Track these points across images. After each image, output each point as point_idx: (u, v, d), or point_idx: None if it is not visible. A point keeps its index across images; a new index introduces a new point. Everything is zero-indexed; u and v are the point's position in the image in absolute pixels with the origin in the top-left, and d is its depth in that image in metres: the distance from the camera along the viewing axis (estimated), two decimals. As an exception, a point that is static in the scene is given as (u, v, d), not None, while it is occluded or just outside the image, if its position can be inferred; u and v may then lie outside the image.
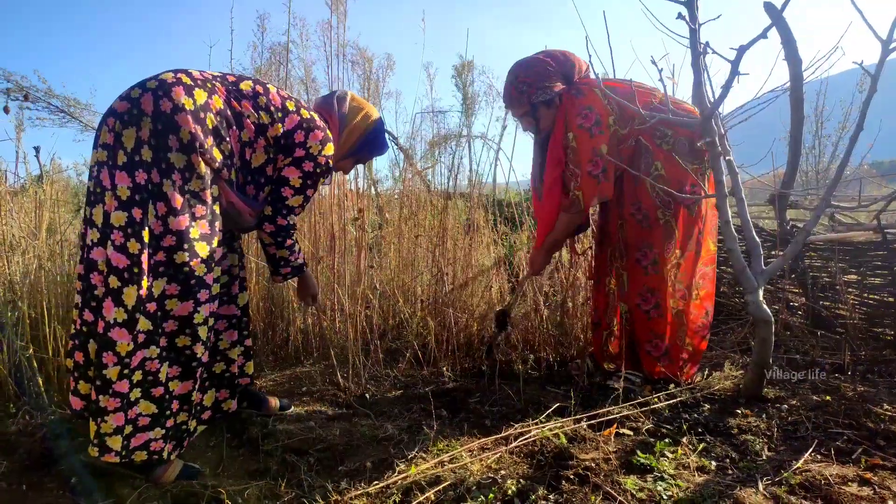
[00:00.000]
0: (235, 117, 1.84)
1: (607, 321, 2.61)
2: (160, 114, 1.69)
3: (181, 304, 1.75)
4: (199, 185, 1.75)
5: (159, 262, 1.70)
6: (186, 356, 1.80)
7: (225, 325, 2.11)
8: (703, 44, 2.03)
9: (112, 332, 1.64)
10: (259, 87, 1.94)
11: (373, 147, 2.27)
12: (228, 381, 2.14)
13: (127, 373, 1.66)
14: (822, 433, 2.00)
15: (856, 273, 3.14)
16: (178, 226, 1.70)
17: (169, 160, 1.69)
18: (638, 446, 1.91)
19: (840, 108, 6.17)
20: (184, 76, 1.77)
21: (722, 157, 2.13)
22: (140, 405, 1.71)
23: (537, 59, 2.41)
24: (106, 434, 1.66)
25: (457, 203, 3.54)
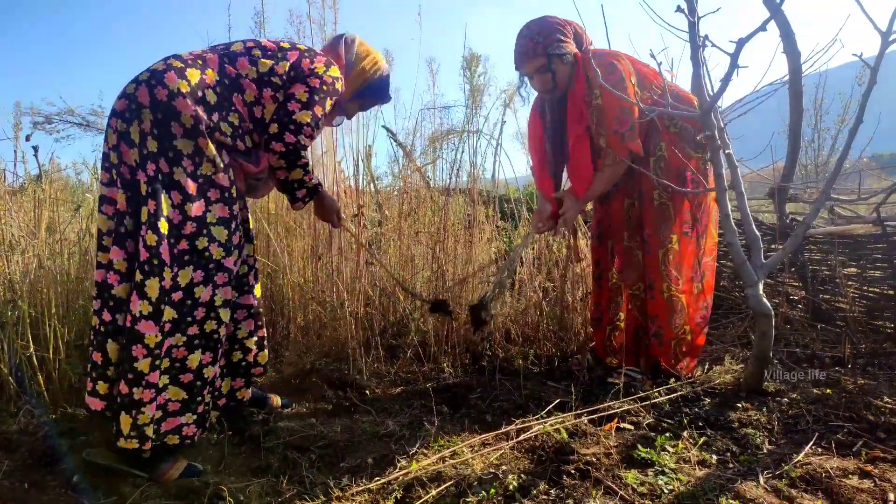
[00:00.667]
0: (233, 82, 1.84)
1: (610, 316, 2.61)
2: (157, 103, 1.70)
3: (205, 290, 1.78)
4: (210, 169, 1.76)
5: (183, 250, 1.73)
6: (213, 340, 1.84)
7: (244, 315, 2.12)
8: (703, 37, 2.03)
9: (139, 324, 1.67)
10: (250, 42, 1.96)
11: (377, 93, 2.28)
12: (245, 370, 2.15)
13: (158, 363, 1.71)
14: (822, 426, 2.00)
15: (856, 266, 3.14)
16: (195, 212, 1.73)
17: (175, 147, 1.71)
18: (639, 441, 1.91)
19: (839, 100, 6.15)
20: (174, 61, 1.78)
21: (721, 150, 2.12)
22: (169, 391, 1.76)
23: (550, 17, 2.39)
24: (144, 424, 1.70)
25: (457, 199, 3.54)
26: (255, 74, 1.87)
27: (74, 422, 2.18)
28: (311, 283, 2.99)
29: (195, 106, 1.72)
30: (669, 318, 2.41)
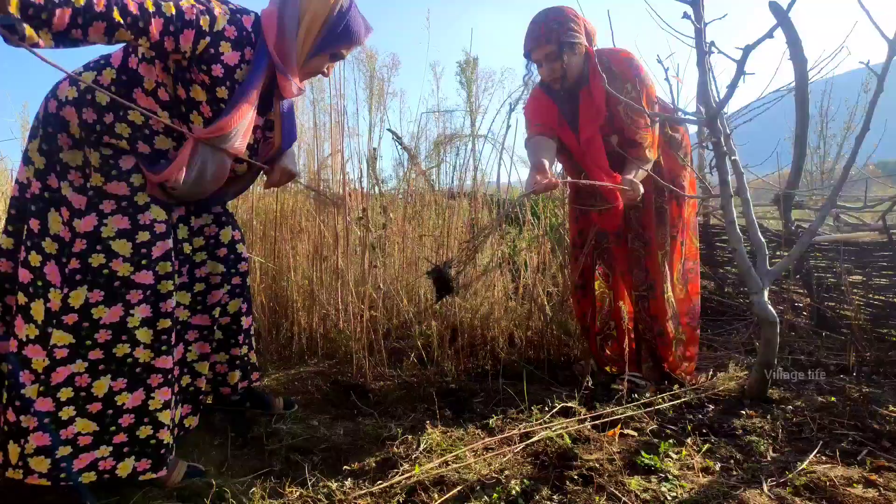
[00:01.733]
0: (133, 74, 1.63)
1: (599, 325, 2.63)
2: (48, 116, 1.63)
3: (109, 310, 1.61)
4: (99, 180, 1.62)
5: (75, 269, 1.59)
6: (129, 365, 1.65)
7: (196, 336, 1.97)
8: (709, 43, 2.03)
9: (26, 349, 1.58)
10: None
11: (343, 35, 1.80)
12: (192, 395, 1.99)
13: (45, 390, 1.56)
14: (826, 434, 1.99)
15: (861, 274, 3.13)
16: (85, 227, 1.59)
17: (62, 160, 1.62)
18: (642, 447, 1.91)
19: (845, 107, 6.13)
20: (81, 67, 1.66)
21: (727, 156, 2.12)
22: (77, 424, 1.60)
23: (565, 7, 2.36)
24: (29, 455, 1.55)
25: (461, 202, 3.54)
26: (152, 54, 1.59)
27: None
28: (316, 286, 2.99)
29: (83, 110, 1.60)
30: (669, 318, 2.47)
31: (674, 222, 2.48)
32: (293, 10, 1.72)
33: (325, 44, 1.78)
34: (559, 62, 2.31)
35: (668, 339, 2.48)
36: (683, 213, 2.52)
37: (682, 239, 2.52)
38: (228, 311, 2.09)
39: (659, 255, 2.45)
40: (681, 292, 2.52)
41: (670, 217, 2.47)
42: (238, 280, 2.09)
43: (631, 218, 2.49)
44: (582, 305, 2.68)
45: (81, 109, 1.61)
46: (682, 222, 2.52)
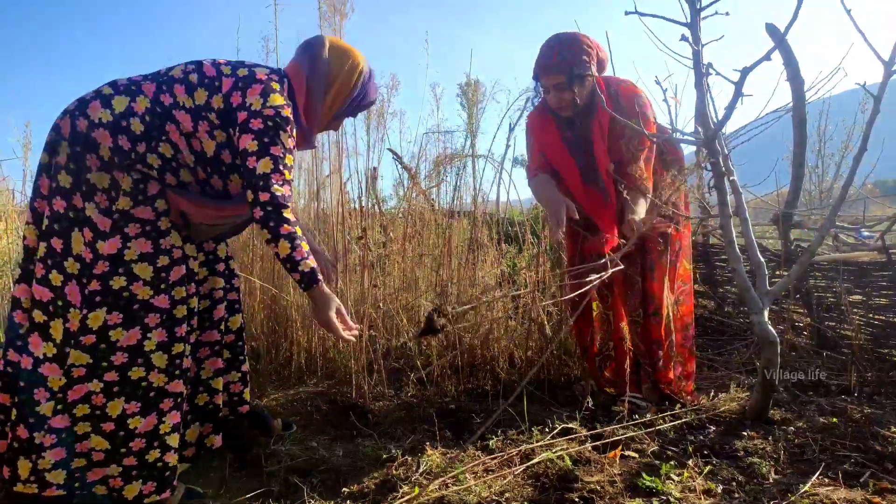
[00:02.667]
0: (166, 111, 1.67)
1: (598, 346, 2.63)
2: (77, 135, 1.62)
3: (127, 333, 1.63)
4: (127, 203, 1.64)
5: (94, 291, 1.61)
6: (143, 388, 1.66)
7: (207, 353, 1.99)
8: (707, 65, 2.05)
9: (42, 367, 1.59)
10: (190, 65, 1.75)
11: (364, 102, 2.00)
12: (212, 413, 2.01)
13: (62, 407, 1.59)
14: (829, 456, 1.98)
15: (861, 293, 3.13)
16: (109, 249, 1.61)
17: (89, 181, 1.62)
18: (643, 469, 1.89)
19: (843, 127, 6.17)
20: (106, 88, 1.69)
21: (726, 177, 2.13)
22: (91, 440, 1.63)
23: (580, 36, 2.35)
24: (45, 470, 1.58)
25: (461, 221, 3.55)
26: (190, 104, 1.69)
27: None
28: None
29: (117, 136, 1.62)
30: (669, 340, 2.48)
31: (672, 246, 2.50)
32: (321, 77, 1.86)
33: (349, 110, 1.98)
34: (569, 92, 2.32)
35: (666, 362, 2.48)
36: (680, 237, 2.54)
37: (676, 261, 2.53)
38: (231, 328, 2.10)
39: (665, 278, 2.46)
40: (675, 313, 2.52)
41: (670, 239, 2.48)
42: (234, 296, 2.10)
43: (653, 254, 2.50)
44: (581, 326, 2.67)
45: (117, 135, 1.63)
46: (678, 245, 2.53)
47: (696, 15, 2.00)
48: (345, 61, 1.90)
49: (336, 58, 1.89)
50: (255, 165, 1.65)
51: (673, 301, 2.52)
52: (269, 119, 1.67)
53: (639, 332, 2.51)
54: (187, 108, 1.69)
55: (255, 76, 1.74)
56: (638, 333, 2.52)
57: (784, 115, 2.77)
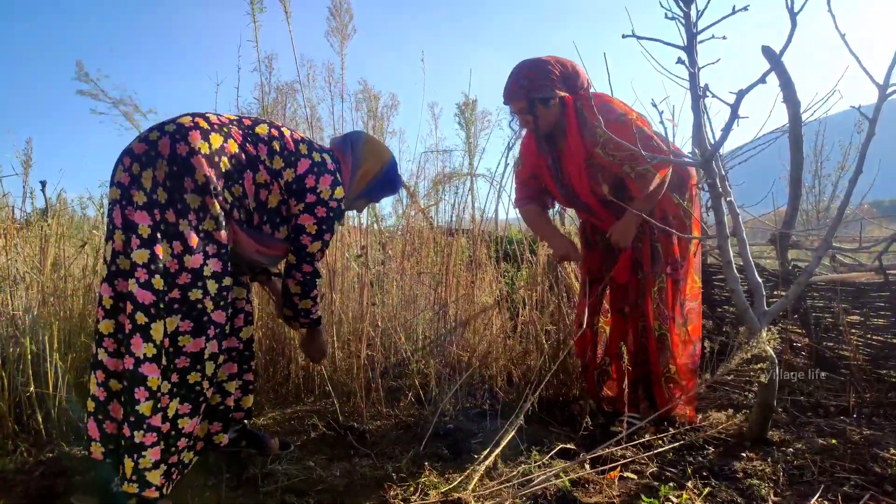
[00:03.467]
0: (250, 161, 1.87)
1: (598, 361, 2.63)
2: (176, 156, 1.74)
3: (193, 341, 1.77)
4: (212, 226, 1.79)
5: (174, 298, 1.73)
6: (196, 392, 1.81)
7: (224, 358, 2.09)
8: (703, 87, 2.06)
9: (142, 367, 1.68)
10: (274, 130, 1.98)
11: (385, 188, 2.31)
12: (222, 413, 2.13)
13: (160, 406, 1.71)
14: (828, 477, 1.97)
15: (859, 314, 3.13)
16: (193, 264, 1.74)
17: (185, 201, 1.74)
18: (642, 490, 1.89)
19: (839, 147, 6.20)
20: (201, 121, 1.83)
21: (723, 197, 2.14)
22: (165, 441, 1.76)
23: (543, 60, 2.40)
24: (145, 469, 1.70)
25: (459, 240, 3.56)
26: (269, 163, 1.91)
27: (71, 461, 2.15)
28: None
29: (210, 168, 1.76)
30: (659, 356, 2.47)
31: (670, 259, 2.49)
32: (354, 161, 2.18)
33: (370, 192, 2.27)
34: (530, 116, 2.40)
35: (655, 378, 2.48)
36: (677, 252, 2.52)
37: (680, 278, 2.52)
38: (242, 338, 2.19)
39: (653, 290, 2.46)
40: (682, 333, 2.50)
41: (665, 252, 2.49)
42: (249, 308, 2.24)
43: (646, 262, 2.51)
44: (582, 343, 2.67)
45: (211, 167, 1.78)
46: (677, 260, 2.51)
47: (693, 38, 2.02)
48: (375, 150, 2.24)
49: (369, 148, 2.23)
50: (308, 244, 2.00)
51: (682, 321, 2.50)
52: (331, 210, 2.01)
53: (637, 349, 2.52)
54: (266, 167, 1.91)
55: (326, 166, 2.02)
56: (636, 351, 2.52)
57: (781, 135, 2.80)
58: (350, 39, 3.02)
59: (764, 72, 2.01)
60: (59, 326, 2.47)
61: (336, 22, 2.98)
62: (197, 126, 1.80)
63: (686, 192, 2.51)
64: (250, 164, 1.87)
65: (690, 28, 2.02)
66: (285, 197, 1.96)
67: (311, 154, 2.00)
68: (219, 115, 1.93)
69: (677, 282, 2.50)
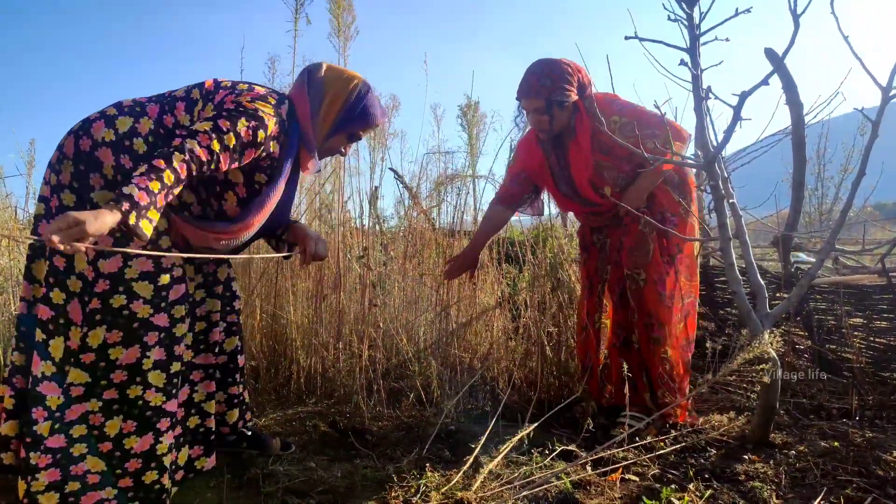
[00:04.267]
0: (169, 132, 1.70)
1: (600, 363, 2.63)
2: (80, 153, 1.64)
3: (126, 351, 1.64)
4: None
5: (95, 309, 1.62)
6: (139, 407, 1.67)
7: (201, 376, 2.00)
8: (706, 89, 2.06)
9: (41, 386, 1.57)
10: (195, 86, 1.78)
11: (361, 117, 1.96)
12: (203, 436, 2.01)
13: (59, 427, 1.58)
14: (830, 480, 1.97)
15: (862, 316, 3.12)
16: (109, 268, 1.62)
17: (93, 200, 1.62)
18: (644, 492, 1.88)
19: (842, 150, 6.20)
20: (110, 108, 1.71)
21: (725, 199, 2.14)
22: (88, 461, 1.63)
23: (562, 62, 2.42)
24: (38, 492, 1.56)
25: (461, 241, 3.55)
26: (188, 122, 1.71)
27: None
28: (316, 325, 2.98)
29: (120, 155, 1.63)
30: (662, 357, 2.46)
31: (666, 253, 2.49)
32: (316, 92, 1.89)
33: (343, 124, 1.95)
34: (546, 116, 2.40)
35: (653, 375, 2.48)
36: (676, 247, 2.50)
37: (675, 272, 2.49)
38: (225, 349, 2.10)
39: (656, 291, 2.45)
40: (679, 329, 2.51)
41: (659, 248, 2.47)
42: (233, 318, 2.12)
43: (625, 252, 2.51)
44: (585, 345, 2.68)
45: (119, 154, 1.64)
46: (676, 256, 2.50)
47: (696, 40, 2.02)
48: (339, 74, 1.95)
49: (331, 74, 1.95)
50: (196, 124, 1.63)
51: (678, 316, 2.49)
52: (241, 106, 1.67)
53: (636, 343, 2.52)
54: (184, 127, 1.70)
55: (252, 89, 1.77)
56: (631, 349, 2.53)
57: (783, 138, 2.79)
58: (353, 40, 3.02)
59: (767, 74, 2.01)
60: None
61: (339, 23, 2.99)
62: (103, 115, 1.67)
63: (687, 190, 2.50)
64: (171, 136, 1.67)
65: (693, 30, 2.02)
66: None
67: (235, 85, 1.78)
68: (135, 98, 1.76)
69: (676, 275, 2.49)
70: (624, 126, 2.34)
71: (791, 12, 1.90)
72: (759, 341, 2.12)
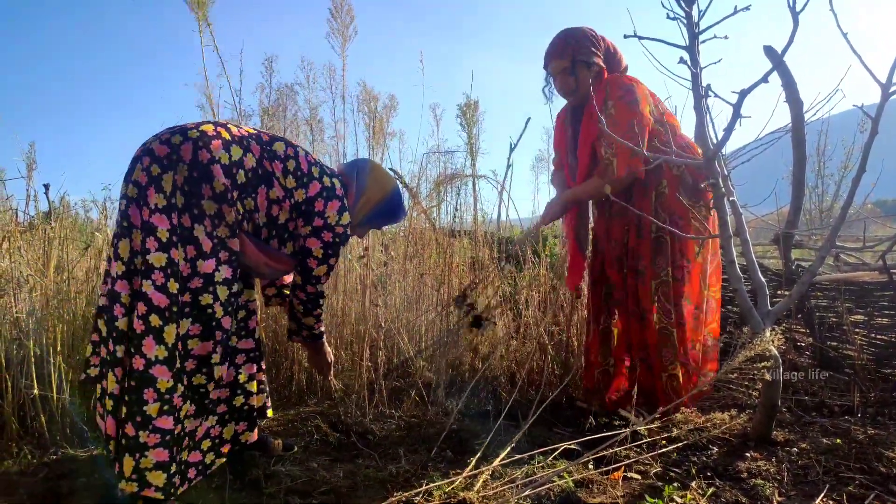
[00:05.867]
0: (266, 176, 1.91)
1: (601, 360, 2.63)
2: (197, 163, 1.76)
3: (202, 344, 1.81)
4: (225, 233, 1.82)
5: (185, 302, 1.76)
6: (200, 394, 1.85)
7: (244, 359, 2.11)
8: (705, 87, 2.06)
9: (153, 369, 1.70)
10: (290, 149, 2.01)
11: (387, 217, 2.35)
12: (248, 413, 2.13)
13: (168, 409, 1.72)
14: (832, 477, 1.97)
15: (863, 313, 3.12)
16: (206, 269, 1.78)
17: (201, 207, 1.77)
18: (646, 490, 1.88)
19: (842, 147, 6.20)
20: (223, 131, 1.86)
21: (726, 197, 2.14)
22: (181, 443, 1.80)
23: (588, 29, 2.48)
24: (146, 469, 1.70)
25: (462, 241, 3.56)
26: (283, 182, 1.95)
27: (75, 463, 2.16)
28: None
29: (228, 178, 1.80)
30: (659, 350, 2.46)
31: (680, 252, 2.48)
32: (359, 187, 2.21)
33: (372, 220, 2.31)
34: (572, 77, 2.45)
35: (656, 371, 2.48)
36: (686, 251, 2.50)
37: (684, 276, 2.49)
38: (255, 336, 2.19)
39: (653, 284, 2.46)
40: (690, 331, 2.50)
41: (673, 247, 2.47)
42: (253, 306, 2.23)
43: (630, 249, 2.51)
44: (589, 345, 2.68)
45: (228, 177, 1.81)
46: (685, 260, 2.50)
47: (695, 38, 2.02)
48: (379, 180, 2.26)
49: (373, 177, 2.25)
50: (314, 267, 2.05)
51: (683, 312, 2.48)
52: (337, 236, 2.05)
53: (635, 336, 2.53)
54: (280, 184, 1.94)
55: (335, 191, 2.06)
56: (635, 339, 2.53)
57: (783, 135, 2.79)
58: (351, 41, 3.02)
59: (766, 71, 2.01)
60: (62, 329, 2.47)
61: (337, 23, 2.99)
62: (219, 136, 1.84)
63: (701, 195, 2.50)
64: (266, 179, 1.91)
65: (692, 28, 2.02)
66: (293, 216, 2.00)
67: (322, 178, 2.04)
68: (239, 126, 1.97)
69: (677, 281, 2.49)
70: (608, 118, 2.36)
71: (790, 10, 1.90)
72: (761, 339, 2.13)
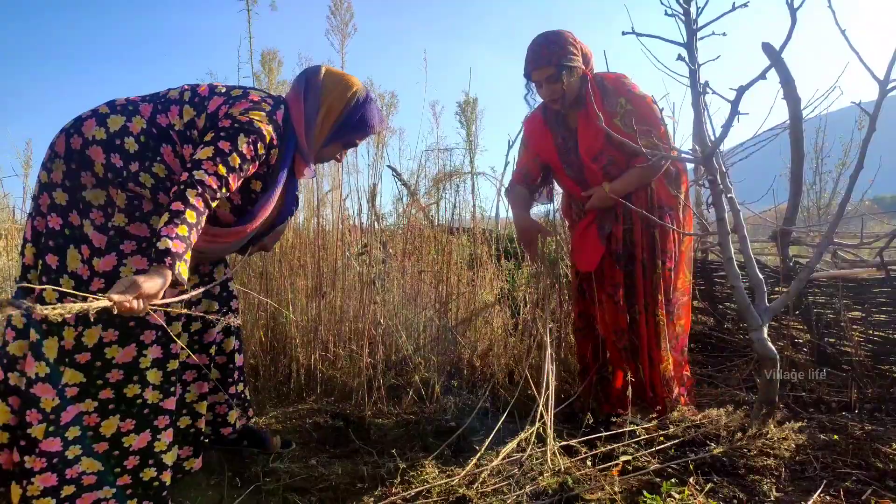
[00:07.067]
0: (162, 133, 1.67)
1: (598, 366, 2.63)
2: (72, 152, 1.63)
3: (123, 350, 1.63)
4: (122, 220, 1.64)
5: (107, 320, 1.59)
6: (138, 406, 1.67)
7: (194, 376, 1.99)
8: (703, 83, 2.07)
9: (35, 388, 1.55)
10: (187, 86, 1.77)
11: (359, 127, 1.93)
12: (193, 437, 1.99)
13: (54, 430, 1.55)
14: (830, 473, 1.97)
15: (860, 310, 3.12)
16: (104, 267, 1.61)
17: (85, 199, 1.62)
18: (644, 486, 1.89)
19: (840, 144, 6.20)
20: (103, 107, 1.70)
21: (724, 194, 2.14)
22: (83, 463, 1.60)
23: (563, 31, 2.45)
24: (34, 497, 1.54)
25: (460, 238, 3.55)
26: (181, 126, 1.69)
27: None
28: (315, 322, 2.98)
29: (111, 154, 1.61)
30: (657, 343, 2.47)
31: (666, 248, 2.49)
32: (314, 100, 1.86)
33: (340, 134, 1.92)
34: (559, 84, 2.40)
35: (655, 363, 2.48)
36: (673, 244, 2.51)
37: (671, 267, 2.50)
38: (224, 349, 2.10)
39: (653, 277, 2.47)
40: (678, 326, 2.52)
41: (661, 242, 2.48)
42: (231, 318, 2.08)
43: (629, 243, 2.52)
44: (582, 345, 2.69)
45: (109, 153, 1.63)
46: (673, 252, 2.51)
47: (693, 35, 2.02)
48: (338, 81, 1.91)
49: (330, 80, 1.90)
50: (199, 151, 1.60)
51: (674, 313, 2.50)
52: (236, 122, 1.64)
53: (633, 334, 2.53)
54: (177, 130, 1.69)
55: (247, 95, 1.74)
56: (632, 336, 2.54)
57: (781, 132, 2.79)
58: (350, 38, 3.02)
59: (764, 68, 2.01)
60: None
61: (336, 20, 2.98)
62: (95, 113, 1.66)
63: (680, 182, 2.52)
64: (164, 136, 1.67)
65: (690, 25, 2.02)
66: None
67: (229, 92, 1.76)
68: (136, 97, 1.75)
69: (671, 270, 2.50)
70: (627, 114, 2.35)
71: (788, 6, 1.90)
72: (759, 335, 2.13)
